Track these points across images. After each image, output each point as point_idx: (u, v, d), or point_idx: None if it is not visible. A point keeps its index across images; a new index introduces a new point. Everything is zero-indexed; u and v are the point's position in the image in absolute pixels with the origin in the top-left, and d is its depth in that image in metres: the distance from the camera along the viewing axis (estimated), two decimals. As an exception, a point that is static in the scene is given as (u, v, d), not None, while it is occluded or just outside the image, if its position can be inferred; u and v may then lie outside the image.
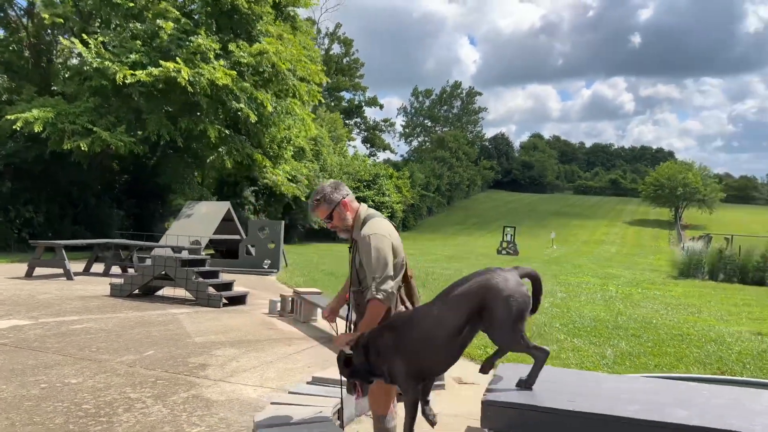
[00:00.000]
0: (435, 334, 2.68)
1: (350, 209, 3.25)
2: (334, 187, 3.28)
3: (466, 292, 2.67)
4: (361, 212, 3.27)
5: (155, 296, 9.53)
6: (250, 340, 6.49)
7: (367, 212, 3.29)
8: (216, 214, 16.33)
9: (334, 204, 3.20)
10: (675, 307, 10.13)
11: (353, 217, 3.25)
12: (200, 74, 16.20)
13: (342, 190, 3.27)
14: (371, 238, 3.06)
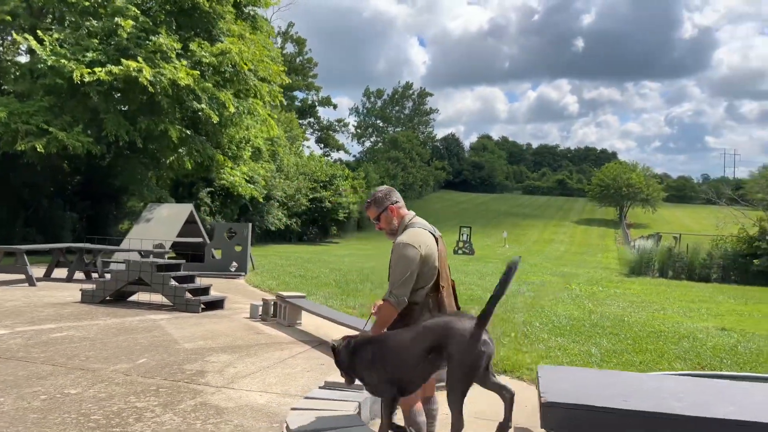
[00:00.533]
0: (404, 357, 2.93)
1: (396, 215, 3.49)
2: (385, 192, 3.53)
3: (433, 327, 2.89)
4: (406, 219, 3.48)
5: (128, 302, 9.32)
6: (240, 346, 6.46)
7: (412, 220, 3.48)
8: (178, 216, 16.03)
9: (382, 208, 3.45)
10: (639, 304, 10.58)
11: (398, 223, 3.46)
12: (162, 74, 15.88)
13: (392, 197, 3.52)
14: (401, 247, 3.24)
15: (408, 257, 3.19)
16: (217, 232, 14.79)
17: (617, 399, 2.34)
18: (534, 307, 9.65)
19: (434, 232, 3.53)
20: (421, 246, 3.26)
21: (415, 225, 3.44)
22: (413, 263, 3.18)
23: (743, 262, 21.15)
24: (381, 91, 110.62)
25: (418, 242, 3.26)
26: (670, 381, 2.71)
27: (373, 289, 11.43)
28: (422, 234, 3.36)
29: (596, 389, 2.49)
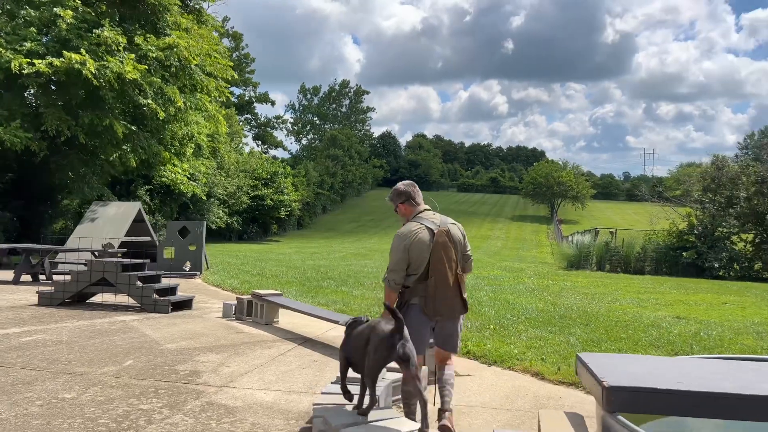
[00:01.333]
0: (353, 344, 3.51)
1: (401, 213, 4.06)
2: (399, 191, 4.05)
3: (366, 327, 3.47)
4: (412, 214, 3.97)
5: (89, 304, 8.96)
6: (225, 345, 6.37)
7: (415, 215, 3.94)
8: (126, 215, 15.49)
9: (395, 204, 4.05)
10: (593, 296, 11.07)
11: (408, 216, 3.98)
12: (106, 67, 15.26)
13: (404, 194, 4.02)
14: (394, 237, 3.84)
15: (395, 246, 3.76)
16: (170, 230, 14.38)
17: (672, 381, 2.50)
18: (498, 300, 9.93)
19: (437, 226, 3.81)
20: (407, 238, 3.72)
21: (418, 219, 3.87)
22: (398, 252, 3.72)
23: (674, 255, 22.39)
24: (317, 88, 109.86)
25: (406, 234, 3.75)
26: (703, 363, 2.92)
27: (338, 287, 11.44)
28: (414, 227, 3.79)
29: (648, 372, 2.66)
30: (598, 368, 2.73)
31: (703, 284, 16.11)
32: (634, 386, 2.46)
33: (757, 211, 21.72)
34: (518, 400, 4.63)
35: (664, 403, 2.41)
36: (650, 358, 3.29)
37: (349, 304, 8.96)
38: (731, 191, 22.21)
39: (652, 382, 2.50)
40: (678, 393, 2.41)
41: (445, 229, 3.83)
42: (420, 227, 3.78)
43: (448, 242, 3.79)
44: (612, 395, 2.45)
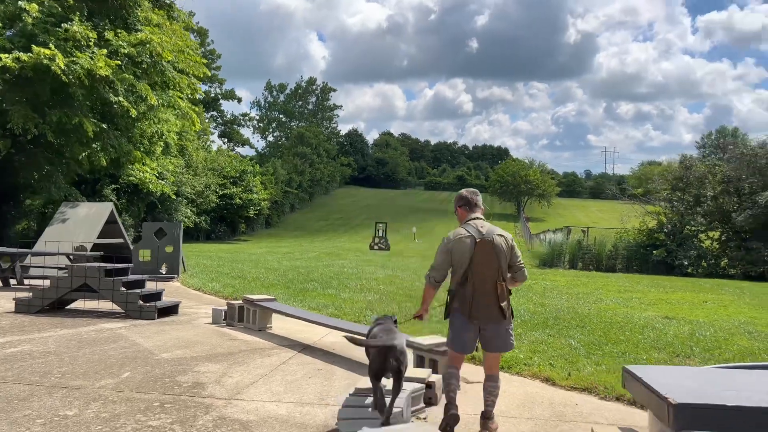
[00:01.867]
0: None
1: (458, 216, 4.33)
2: (461, 196, 4.34)
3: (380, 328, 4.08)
4: (464, 219, 4.21)
5: (69, 311, 8.62)
6: (222, 354, 6.17)
7: (466, 221, 4.17)
8: (98, 216, 15.01)
9: (455, 206, 4.33)
10: (578, 296, 11.17)
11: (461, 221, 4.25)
12: (76, 63, 14.75)
13: (463, 199, 4.30)
14: (442, 239, 4.13)
15: (441, 248, 4.07)
16: (146, 232, 13.97)
17: (735, 396, 2.46)
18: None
19: (482, 236, 4.00)
20: (452, 241, 4.03)
21: (466, 226, 4.11)
22: (442, 253, 4.04)
23: (644, 253, 22.86)
24: (284, 85, 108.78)
25: (451, 238, 4.05)
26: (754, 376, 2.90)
27: (323, 289, 11.28)
28: (460, 232, 4.06)
29: (702, 386, 2.62)
30: (657, 383, 2.68)
31: (676, 282, 16.46)
32: (703, 403, 2.41)
33: (723, 210, 22.32)
34: (535, 408, 4.58)
35: (733, 420, 2.37)
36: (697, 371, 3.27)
37: (341, 308, 8.82)
38: (698, 190, 22.77)
39: (718, 399, 2.46)
40: (747, 410, 2.37)
41: (489, 239, 3.98)
42: (466, 234, 4.02)
43: (491, 252, 3.94)
44: (679, 413, 2.40)
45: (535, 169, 72.27)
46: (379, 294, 10.68)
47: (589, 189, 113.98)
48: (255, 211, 42.42)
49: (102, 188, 27.26)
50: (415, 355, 5.13)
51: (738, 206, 21.59)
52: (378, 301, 9.77)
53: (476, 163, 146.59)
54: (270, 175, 51.68)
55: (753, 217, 20.39)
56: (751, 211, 20.50)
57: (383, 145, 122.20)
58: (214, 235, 42.20)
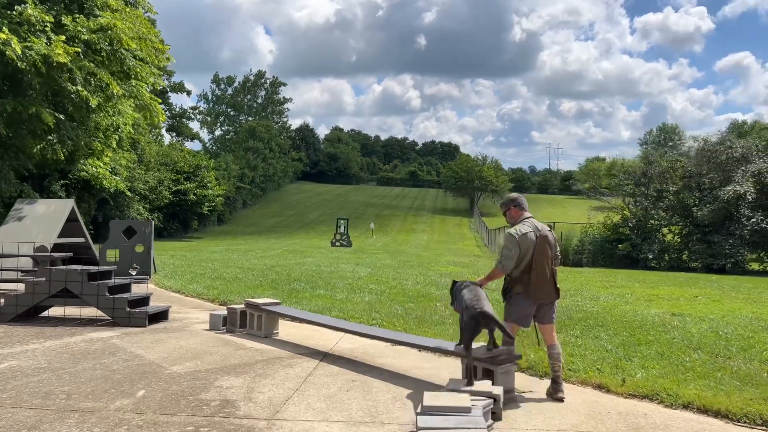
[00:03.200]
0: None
1: (510, 215, 5.07)
2: (512, 198, 5.11)
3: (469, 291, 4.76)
4: (518, 218, 4.95)
5: (45, 318, 7.84)
6: (238, 365, 5.64)
7: (522, 221, 4.91)
8: (58, 213, 13.99)
9: (507, 207, 5.08)
10: (570, 293, 11.02)
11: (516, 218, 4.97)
12: (31, 48, 13.67)
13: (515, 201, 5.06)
14: (508, 234, 4.87)
15: (511, 241, 4.75)
16: (113, 230, 13.09)
17: None
18: (488, 300, 9.63)
19: (539, 231, 4.82)
20: (518, 236, 4.75)
21: (520, 223, 4.89)
22: (514, 246, 4.72)
23: (609, 248, 23.22)
24: (232, 78, 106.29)
25: (518, 233, 4.77)
26: None
27: (313, 290, 10.77)
28: (525, 229, 4.79)
29: None
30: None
31: (650, 276, 16.66)
32: None
33: (684, 204, 22.86)
34: (606, 421, 4.27)
35: None
36: None
37: (344, 310, 8.36)
38: (660, 185, 23.24)
39: None
40: None
41: (545, 234, 4.83)
42: (529, 230, 4.79)
43: (547, 244, 4.78)
44: None
45: (489, 165, 73.06)
46: (374, 294, 10.25)
47: (537, 184, 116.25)
48: (209, 208, 41.10)
49: (50, 184, 25.76)
50: (464, 364, 4.74)
51: (699, 201, 22.14)
52: (377, 302, 9.34)
53: (426, 159, 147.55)
54: (222, 170, 50.23)
55: (714, 211, 20.93)
56: (712, 206, 21.04)
57: (335, 140, 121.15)
58: (166, 232, 40.71)
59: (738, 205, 20.83)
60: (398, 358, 6.03)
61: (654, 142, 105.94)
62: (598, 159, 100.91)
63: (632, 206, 24.02)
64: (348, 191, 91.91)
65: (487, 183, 68.97)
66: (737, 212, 21.01)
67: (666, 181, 23.07)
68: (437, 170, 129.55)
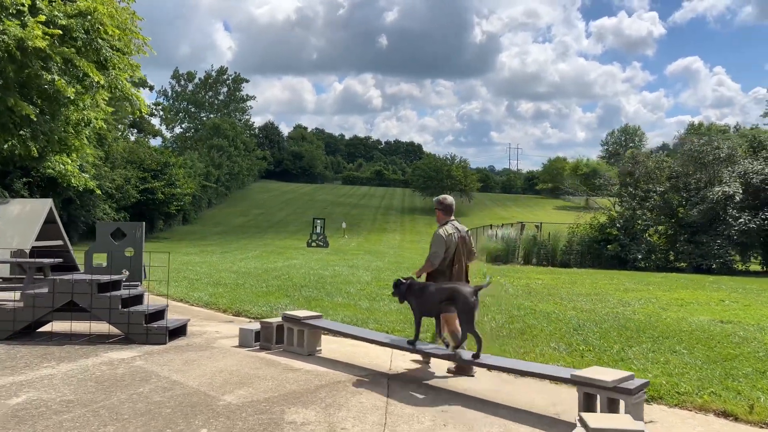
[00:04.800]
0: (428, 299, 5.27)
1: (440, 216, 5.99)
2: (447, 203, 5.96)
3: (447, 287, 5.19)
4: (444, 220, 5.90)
5: (45, 335, 6.89)
6: (299, 392, 4.88)
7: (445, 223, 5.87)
8: (34, 215, 12.90)
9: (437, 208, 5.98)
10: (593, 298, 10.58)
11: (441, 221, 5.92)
12: (4, 32, 12.50)
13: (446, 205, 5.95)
14: (436, 234, 5.74)
15: (439, 240, 5.69)
16: (101, 233, 12.00)
17: None
18: (521, 308, 9.08)
19: (459, 232, 5.81)
20: (445, 236, 5.68)
21: (451, 224, 5.84)
22: (442, 244, 5.66)
23: (597, 248, 23.05)
24: (192, 74, 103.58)
25: (444, 233, 5.70)
26: None
27: (331, 298, 10.01)
28: (450, 229, 5.76)
29: None
30: None
31: (650, 278, 16.42)
32: None
33: (670, 205, 22.86)
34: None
35: None
36: None
37: (380, 321, 7.65)
38: (647, 185, 23.19)
39: None
40: None
41: (462, 234, 5.84)
42: (453, 231, 5.76)
43: (464, 243, 5.80)
44: None
45: (457, 165, 72.99)
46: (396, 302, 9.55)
47: (501, 184, 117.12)
48: (177, 207, 39.58)
49: (12, 182, 24.17)
50: (581, 393, 4.11)
51: (686, 201, 22.15)
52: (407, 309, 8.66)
53: (391, 158, 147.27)
54: (188, 168, 48.57)
55: (703, 211, 20.95)
56: (701, 206, 21.05)
57: (299, 138, 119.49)
58: (132, 232, 39.00)
59: (726, 206, 20.90)
60: (471, 380, 5.37)
61: (615, 143, 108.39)
62: (559, 159, 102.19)
63: (618, 206, 23.92)
64: (314, 190, 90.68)
65: (455, 182, 68.85)
66: (724, 213, 21.08)
67: (652, 181, 23.03)
68: (402, 170, 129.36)
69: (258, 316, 8.37)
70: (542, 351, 6.18)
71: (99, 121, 21.11)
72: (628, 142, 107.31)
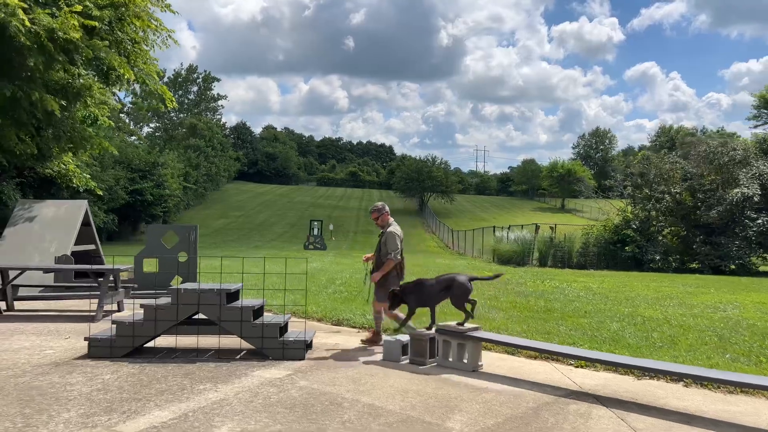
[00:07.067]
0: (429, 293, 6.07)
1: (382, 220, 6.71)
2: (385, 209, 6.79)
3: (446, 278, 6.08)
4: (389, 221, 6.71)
5: (155, 351, 6.19)
6: (521, 417, 4.36)
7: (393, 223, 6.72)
8: (71, 218, 12.15)
9: (383, 213, 6.72)
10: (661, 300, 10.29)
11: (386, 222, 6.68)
12: (36, 21, 11.59)
13: (384, 209, 6.79)
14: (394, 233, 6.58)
15: (397, 238, 6.57)
16: (151, 236, 11.22)
17: None
18: (625, 315, 8.72)
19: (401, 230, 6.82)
20: (399, 235, 6.67)
21: (395, 224, 6.75)
22: (400, 241, 6.59)
23: (613, 250, 23.00)
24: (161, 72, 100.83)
25: (398, 232, 6.68)
26: None
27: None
28: (399, 229, 6.75)
29: None
30: None
31: (687, 279, 16.30)
32: None
33: (684, 206, 22.94)
34: None
35: None
36: None
37: (559, 334, 7.11)
38: (660, 186, 23.22)
39: None
40: None
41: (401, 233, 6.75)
42: (400, 230, 6.77)
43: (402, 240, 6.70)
44: None
45: (438, 166, 72.90)
46: (502, 310, 9.09)
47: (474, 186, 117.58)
48: (164, 209, 38.28)
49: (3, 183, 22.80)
50: None
51: (702, 203, 22.25)
52: (527, 318, 8.21)
53: (364, 159, 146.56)
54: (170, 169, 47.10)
55: (722, 213, 21.06)
56: (719, 208, 21.15)
57: (271, 139, 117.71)
58: (116, 235, 37.60)
59: (743, 207, 21.05)
60: (682, 399, 4.90)
61: (586, 145, 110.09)
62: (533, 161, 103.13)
63: (632, 207, 23.92)
64: (290, 191, 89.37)
65: (437, 183, 68.66)
66: (741, 214, 21.23)
67: (666, 183, 23.07)
68: (376, 171, 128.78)
69: (362, 326, 7.81)
70: (724, 363, 5.79)
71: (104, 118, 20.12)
72: (599, 145, 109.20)
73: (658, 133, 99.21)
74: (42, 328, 7.36)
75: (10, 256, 10.68)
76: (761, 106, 45.30)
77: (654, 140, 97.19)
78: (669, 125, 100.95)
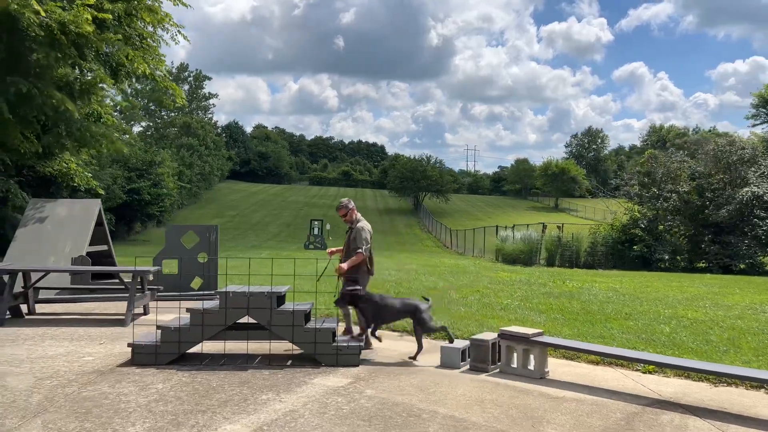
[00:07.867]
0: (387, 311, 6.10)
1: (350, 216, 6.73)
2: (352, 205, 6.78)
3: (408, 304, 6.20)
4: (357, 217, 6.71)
5: (199, 357, 5.88)
6: (610, 429, 4.11)
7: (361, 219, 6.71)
8: (84, 217, 11.71)
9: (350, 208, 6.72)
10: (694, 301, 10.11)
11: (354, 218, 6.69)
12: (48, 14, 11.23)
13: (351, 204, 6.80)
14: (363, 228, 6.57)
15: (367, 232, 6.57)
16: (170, 237, 10.86)
17: None
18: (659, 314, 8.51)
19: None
20: (370, 230, 6.68)
21: (364, 220, 6.71)
22: (370, 235, 6.60)
23: (621, 249, 22.86)
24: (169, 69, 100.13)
25: (368, 227, 6.67)
26: None
27: (451, 307, 9.21)
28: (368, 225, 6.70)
29: None
30: None
31: (704, 279, 16.16)
32: None
33: (692, 205, 22.84)
34: None
35: None
36: None
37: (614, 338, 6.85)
38: (669, 185, 23.10)
39: None
40: None
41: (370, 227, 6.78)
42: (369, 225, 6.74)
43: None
44: None
45: (432, 165, 72.69)
46: (547, 314, 8.84)
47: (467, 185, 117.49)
48: (160, 209, 37.75)
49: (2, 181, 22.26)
50: None
51: (710, 202, 22.16)
52: (575, 321, 7.97)
53: (355, 158, 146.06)
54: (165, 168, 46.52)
55: (732, 212, 20.97)
56: (729, 207, 21.06)
57: (262, 138, 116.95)
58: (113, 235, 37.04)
59: (753, 206, 20.97)
60: None
61: (579, 144, 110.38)
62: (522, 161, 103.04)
63: (639, 206, 23.78)
64: (283, 191, 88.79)
65: (432, 183, 68.41)
66: (750, 213, 21.15)
67: (673, 182, 22.95)
68: (369, 170, 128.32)
69: (403, 329, 7.54)
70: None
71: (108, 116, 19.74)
72: (591, 144, 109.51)
73: (649, 132, 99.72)
74: (72, 333, 7.01)
75: (25, 257, 10.30)
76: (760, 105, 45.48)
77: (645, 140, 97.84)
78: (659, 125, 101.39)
